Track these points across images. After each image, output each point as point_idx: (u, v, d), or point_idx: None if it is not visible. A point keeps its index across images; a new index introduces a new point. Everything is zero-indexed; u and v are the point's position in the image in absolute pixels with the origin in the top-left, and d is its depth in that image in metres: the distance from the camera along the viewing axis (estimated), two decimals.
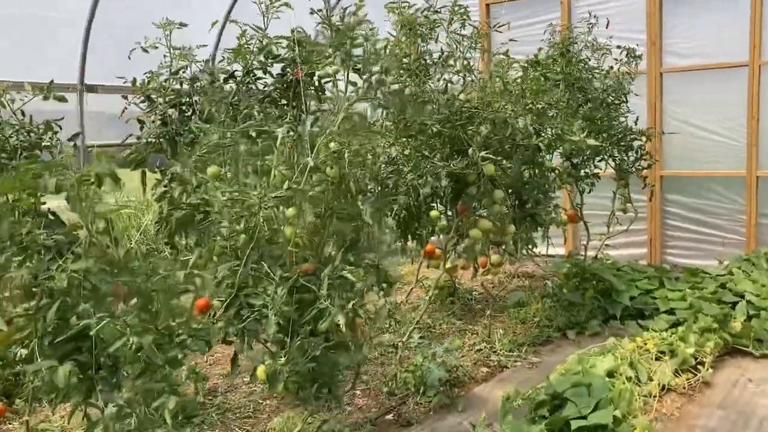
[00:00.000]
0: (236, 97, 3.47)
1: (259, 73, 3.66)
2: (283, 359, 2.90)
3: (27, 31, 6.21)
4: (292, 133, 3.03)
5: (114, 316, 2.39)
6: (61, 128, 3.64)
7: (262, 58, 3.54)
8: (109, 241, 2.58)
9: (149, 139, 4.20)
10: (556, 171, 5.59)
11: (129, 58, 3.85)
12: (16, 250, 2.42)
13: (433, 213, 5.01)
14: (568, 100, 5.71)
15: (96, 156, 2.62)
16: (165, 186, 4.04)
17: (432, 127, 4.51)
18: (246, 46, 3.58)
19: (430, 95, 4.41)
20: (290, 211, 2.99)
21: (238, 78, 3.69)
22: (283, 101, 3.57)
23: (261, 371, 3.01)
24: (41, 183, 2.35)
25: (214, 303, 3.00)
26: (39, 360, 2.40)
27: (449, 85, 4.46)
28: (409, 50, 4.37)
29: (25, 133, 3.22)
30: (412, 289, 6.09)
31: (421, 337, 5.35)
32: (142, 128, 4.31)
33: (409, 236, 5.50)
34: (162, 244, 4.19)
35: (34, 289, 2.45)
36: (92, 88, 6.64)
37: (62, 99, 3.64)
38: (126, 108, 4.28)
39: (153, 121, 4.15)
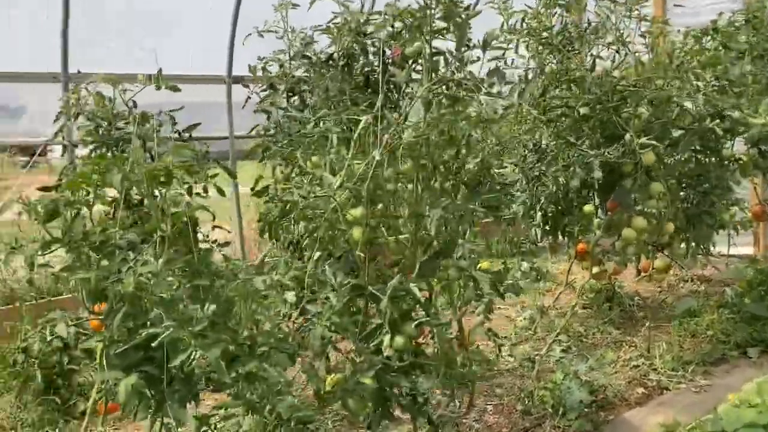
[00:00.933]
0: (331, 82, 3.14)
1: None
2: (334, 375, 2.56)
3: (171, 24, 6.35)
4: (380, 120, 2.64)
5: (183, 324, 2.15)
6: (174, 120, 3.54)
7: (355, 37, 3.17)
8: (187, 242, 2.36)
9: (272, 130, 4.01)
10: (739, 161, 4.70)
11: (243, 44, 3.66)
12: (88, 249, 2.26)
13: (587, 208, 4.41)
14: (755, 75, 4.77)
15: (173, 148, 2.40)
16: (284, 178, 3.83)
17: (577, 110, 3.91)
18: (341, 23, 3.23)
19: (575, 73, 3.81)
20: (356, 211, 2.62)
21: (335, 61, 3.36)
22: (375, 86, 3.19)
23: (327, 382, 2.71)
24: (107, 178, 2.17)
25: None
26: (105, 370, 2.23)
27: (597, 60, 3.83)
28: (549, 22, 3.80)
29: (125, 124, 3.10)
30: (561, 292, 5.49)
31: (567, 347, 4.76)
32: (268, 118, 4.14)
33: (559, 233, 4.93)
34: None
35: (105, 293, 2.28)
36: (238, 79, 6.66)
37: (175, 89, 3.52)
38: (249, 97, 4.13)
39: (272, 110, 3.94)
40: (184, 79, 6.28)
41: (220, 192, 3.58)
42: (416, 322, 2.74)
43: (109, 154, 3.07)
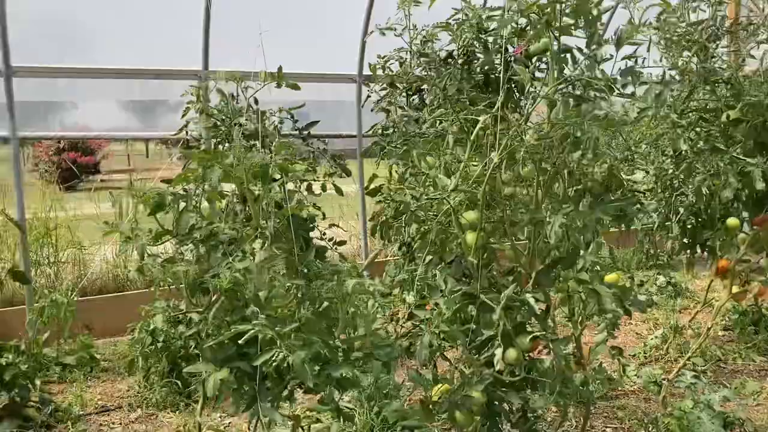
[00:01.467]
0: (450, 81, 3.01)
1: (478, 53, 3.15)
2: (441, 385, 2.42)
3: (308, 21, 6.46)
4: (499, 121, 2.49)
5: (273, 323, 2.13)
6: (293, 118, 3.58)
7: (476, 34, 3.02)
8: (287, 239, 2.35)
9: (389, 129, 3.97)
10: None
11: (365, 41, 3.62)
12: (192, 243, 2.31)
13: (731, 221, 4.00)
14: None
15: (276, 146, 2.40)
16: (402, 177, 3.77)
17: (726, 114, 3.53)
18: (461, 20, 3.09)
19: (724, 73, 3.44)
20: (471, 215, 2.47)
21: (454, 59, 3.23)
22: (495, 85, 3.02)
23: (434, 392, 2.59)
24: (207, 174, 2.20)
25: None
26: (201, 361, 2.26)
27: (747, 59, 3.44)
28: (689, 17, 3.45)
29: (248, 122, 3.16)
30: (698, 311, 5.03)
31: (701, 372, 4.34)
32: (387, 117, 4.10)
33: (698, 247, 4.53)
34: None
35: (204, 286, 2.32)
36: (369, 78, 6.71)
37: (295, 87, 3.56)
38: (369, 96, 4.10)
39: (391, 109, 3.89)
40: (315, 78, 6.42)
41: (338, 191, 3.59)
42: (531, 336, 2.57)
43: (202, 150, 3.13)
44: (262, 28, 6.46)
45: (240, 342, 2.14)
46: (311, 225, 2.62)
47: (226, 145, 3.45)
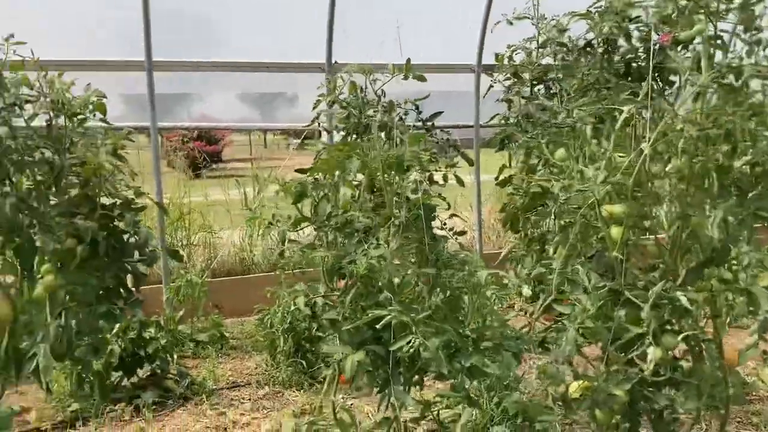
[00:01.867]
0: (589, 70, 2.96)
1: (620, 41, 3.06)
2: (582, 382, 2.39)
3: (424, 12, 6.50)
4: (646, 112, 2.42)
5: (407, 310, 2.21)
6: (418, 109, 3.63)
7: (618, 22, 2.93)
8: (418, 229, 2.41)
9: (513, 119, 3.95)
10: None
11: (491, 32, 3.62)
12: (329, 230, 2.42)
13: None
14: None
15: (410, 137, 2.46)
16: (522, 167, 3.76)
17: None
18: (603, 8, 3.02)
19: None
20: (617, 208, 2.41)
21: (593, 48, 3.15)
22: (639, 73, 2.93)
23: (573, 388, 2.55)
24: (347, 164, 2.29)
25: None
26: (338, 344, 2.37)
27: None
28: None
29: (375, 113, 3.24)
30: None
31: None
32: (509, 107, 4.08)
33: None
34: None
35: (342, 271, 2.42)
36: (487, 68, 6.66)
37: (421, 78, 3.61)
38: (491, 86, 4.10)
39: (518, 99, 3.87)
40: (433, 68, 6.45)
41: (459, 181, 3.62)
42: (682, 335, 2.49)
43: (358, 140, 3.24)
44: (380, 19, 6.58)
45: (377, 327, 2.22)
46: (434, 215, 2.68)
47: (354, 136, 3.57)
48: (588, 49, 3.53)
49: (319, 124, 3.59)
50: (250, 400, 4.28)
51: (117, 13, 6.05)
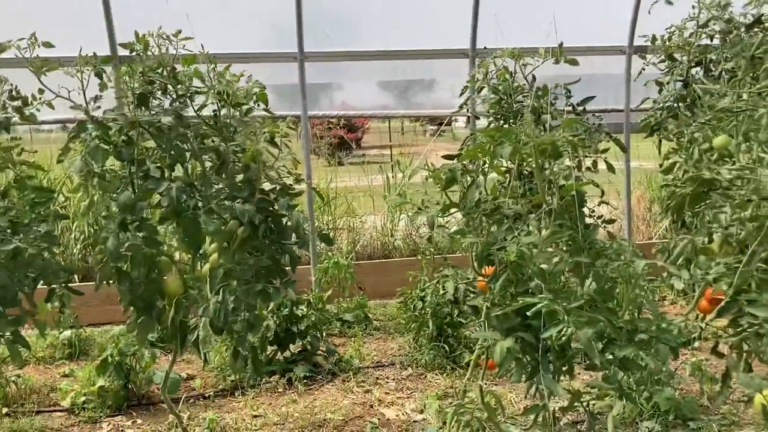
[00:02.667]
0: (760, 49, 2.75)
1: None
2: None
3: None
4: None
5: (559, 298, 2.18)
6: (569, 92, 3.55)
7: None
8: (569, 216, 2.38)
9: (666, 103, 3.76)
10: None
11: (649, 13, 3.47)
12: (480, 216, 2.43)
13: None
14: None
15: (564, 122, 2.42)
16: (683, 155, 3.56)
17: None
18: None
19: None
20: None
21: (762, 24, 2.92)
22: None
23: (758, 402, 2.40)
24: (498, 150, 2.29)
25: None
26: (487, 329, 2.39)
27: None
28: None
29: (523, 97, 3.21)
30: None
31: None
32: (660, 91, 3.88)
33: None
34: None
35: (491, 257, 2.43)
36: (639, 50, 6.36)
37: (573, 62, 3.53)
38: (644, 68, 3.92)
39: (672, 82, 3.68)
40: (580, 51, 6.25)
41: (610, 167, 3.51)
42: None
43: (506, 126, 3.23)
44: (524, 2, 6.44)
45: (528, 314, 2.22)
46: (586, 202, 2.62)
47: (502, 122, 3.56)
48: (756, 26, 3.29)
49: (467, 109, 3.61)
50: (394, 380, 4.41)
51: (267, 6, 6.38)
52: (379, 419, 3.84)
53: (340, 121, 17.17)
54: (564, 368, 2.42)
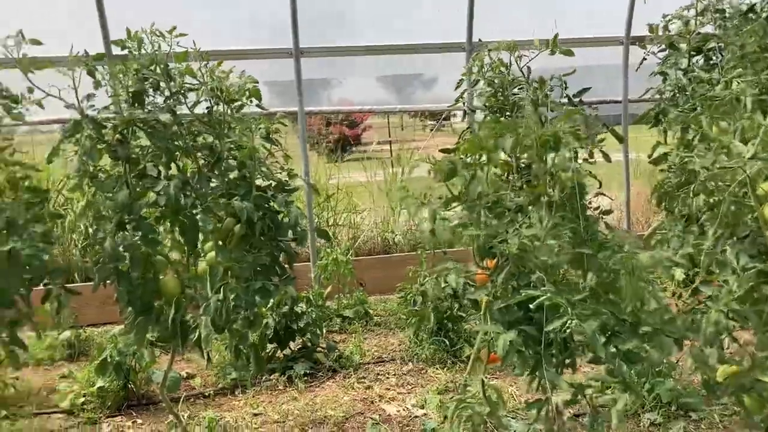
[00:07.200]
0: (751, 37, 2.72)
1: None
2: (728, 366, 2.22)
3: None
4: None
5: (562, 291, 2.16)
6: (565, 84, 3.52)
7: None
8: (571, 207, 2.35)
9: (668, 93, 3.73)
10: None
11: (644, 2, 3.43)
12: (482, 209, 2.41)
13: None
14: None
15: (566, 113, 2.39)
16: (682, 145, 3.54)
17: None
18: None
19: None
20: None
21: (756, 13, 2.89)
22: None
23: (719, 373, 2.41)
24: (499, 143, 2.27)
25: None
26: (489, 323, 2.36)
27: None
28: None
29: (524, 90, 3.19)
30: None
31: None
32: (664, 80, 3.86)
33: None
34: None
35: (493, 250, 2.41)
36: (636, 40, 6.32)
37: (569, 53, 3.50)
38: (645, 58, 3.89)
39: (674, 71, 3.65)
40: (576, 42, 6.22)
41: (606, 157, 3.48)
42: None
43: (502, 118, 3.20)
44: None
45: (531, 307, 2.19)
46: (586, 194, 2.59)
47: (498, 114, 3.53)
48: (751, 14, 3.26)
49: (464, 103, 3.58)
50: (395, 375, 4.39)
51: (264, 3, 6.35)
52: (380, 415, 3.82)
53: (339, 117, 17.14)
54: (567, 361, 2.40)
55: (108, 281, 2.98)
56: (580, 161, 2.96)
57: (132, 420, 3.93)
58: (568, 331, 2.14)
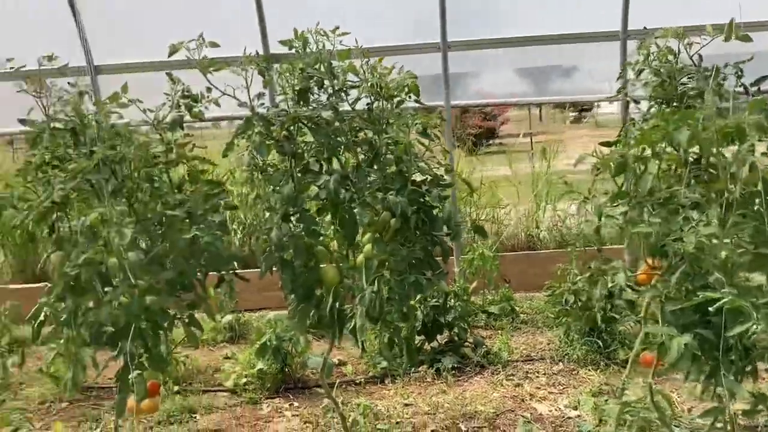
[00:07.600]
0: None
1: None
2: None
3: None
4: None
5: (745, 294, 2.03)
6: (741, 72, 3.28)
7: None
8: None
9: None
10: None
11: None
12: (652, 205, 2.30)
13: None
14: None
15: (751, 104, 2.24)
16: None
17: None
18: None
19: None
20: None
21: None
22: None
23: None
24: (675, 136, 2.15)
25: None
26: (658, 324, 2.25)
27: None
28: None
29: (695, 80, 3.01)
30: None
31: None
32: None
33: None
34: None
35: (664, 249, 2.29)
36: None
37: (746, 39, 3.26)
38: None
39: None
40: (754, 26, 5.76)
41: None
42: None
43: (668, 109, 3.03)
44: None
45: (711, 309, 2.07)
46: None
47: (664, 106, 3.35)
48: None
49: (626, 94, 3.43)
50: (545, 374, 4.30)
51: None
52: (531, 414, 3.77)
53: (476, 110, 17.00)
54: (747, 369, 2.25)
55: (273, 269, 3.14)
56: (757, 155, 2.78)
57: (289, 402, 4.13)
58: (753, 336, 2.00)
